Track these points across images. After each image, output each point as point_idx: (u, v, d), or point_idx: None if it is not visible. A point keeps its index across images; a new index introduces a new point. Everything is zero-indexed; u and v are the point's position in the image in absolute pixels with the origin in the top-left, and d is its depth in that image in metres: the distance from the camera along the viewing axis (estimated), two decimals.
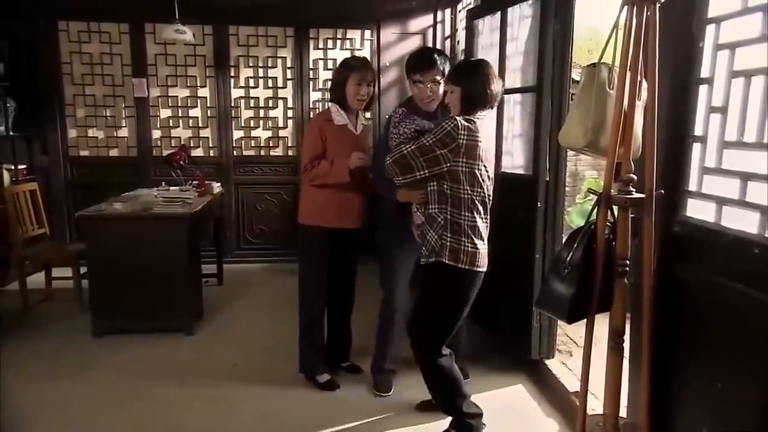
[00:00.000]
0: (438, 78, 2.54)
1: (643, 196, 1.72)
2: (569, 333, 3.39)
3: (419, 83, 2.56)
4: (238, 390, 2.87)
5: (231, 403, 2.76)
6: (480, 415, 2.42)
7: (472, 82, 2.21)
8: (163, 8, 4.24)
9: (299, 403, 2.74)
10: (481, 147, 2.18)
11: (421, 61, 2.56)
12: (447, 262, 2.19)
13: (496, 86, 2.24)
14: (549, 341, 3.00)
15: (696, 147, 1.81)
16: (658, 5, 1.62)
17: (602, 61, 1.76)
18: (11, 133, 4.59)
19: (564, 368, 2.94)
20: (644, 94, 1.73)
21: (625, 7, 1.66)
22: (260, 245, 5.29)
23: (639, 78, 1.68)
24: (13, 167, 4.57)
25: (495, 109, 2.32)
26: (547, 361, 2.99)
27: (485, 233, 2.26)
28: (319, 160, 2.72)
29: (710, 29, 1.74)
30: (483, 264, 2.25)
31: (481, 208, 2.23)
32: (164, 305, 3.47)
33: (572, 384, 2.72)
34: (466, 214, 2.19)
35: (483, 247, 2.24)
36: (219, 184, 4.50)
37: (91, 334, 3.44)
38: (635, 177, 1.75)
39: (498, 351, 3.21)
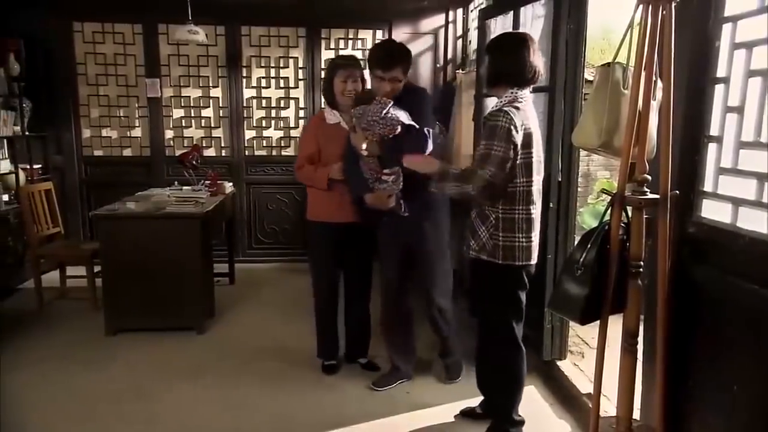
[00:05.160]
0: (399, 77, 2.56)
1: (657, 196, 1.71)
2: (581, 334, 3.37)
3: (380, 79, 2.56)
4: (251, 388, 2.89)
5: (243, 401, 2.77)
6: (523, 423, 2.42)
7: (502, 55, 2.15)
8: (176, 9, 4.26)
9: (312, 402, 2.75)
10: (532, 134, 2.11)
11: (384, 59, 2.57)
12: (501, 262, 2.16)
13: (535, 65, 2.11)
14: (561, 342, 2.99)
15: (712, 147, 1.79)
16: (674, 4, 1.61)
17: (617, 60, 1.75)
18: (27, 133, 4.64)
19: (576, 369, 2.92)
20: (659, 93, 1.71)
21: (640, 7, 1.65)
22: (271, 245, 5.31)
23: (654, 78, 1.67)
24: (28, 167, 4.63)
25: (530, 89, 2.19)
26: (559, 363, 2.97)
27: (538, 223, 2.21)
28: (311, 162, 2.86)
29: (727, 28, 1.72)
30: (536, 256, 2.22)
31: (535, 197, 2.17)
32: (176, 304, 3.50)
33: (584, 386, 2.70)
34: (521, 207, 2.13)
35: (536, 238, 2.20)
36: (231, 183, 4.52)
37: (104, 331, 3.47)
38: (650, 177, 1.74)
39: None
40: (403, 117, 2.51)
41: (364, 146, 2.52)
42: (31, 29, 4.67)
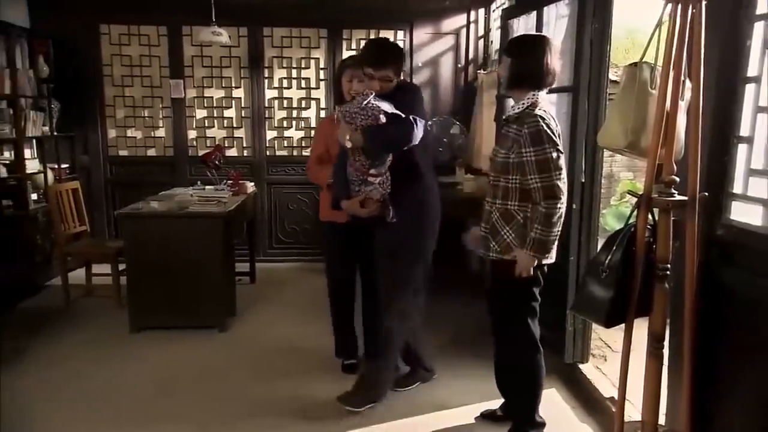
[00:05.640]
0: (390, 75, 2.52)
1: (685, 198, 1.68)
2: (603, 337, 3.33)
3: (370, 77, 2.52)
4: (272, 386, 2.91)
5: (264, 399, 2.79)
6: (544, 425, 2.41)
7: (525, 56, 2.14)
8: (200, 11, 4.32)
9: (332, 401, 2.74)
10: (560, 134, 2.14)
11: (374, 58, 2.54)
12: None
13: (554, 67, 2.13)
14: (583, 345, 2.96)
15: (742, 148, 1.76)
16: (704, 3, 1.58)
17: (644, 60, 1.73)
18: (55, 133, 4.74)
19: (598, 373, 2.89)
20: (687, 93, 1.69)
21: (669, 5, 1.63)
22: (292, 244, 5.35)
23: (682, 77, 1.64)
24: (56, 166, 4.73)
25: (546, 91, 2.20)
26: (581, 366, 2.94)
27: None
28: (320, 162, 2.91)
29: (759, 27, 1.68)
30: (554, 253, 2.21)
31: (565, 190, 2.14)
32: (199, 302, 3.54)
33: (607, 389, 2.67)
34: (560, 201, 2.10)
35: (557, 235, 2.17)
36: (252, 183, 4.56)
37: (129, 329, 3.53)
38: (677, 179, 1.71)
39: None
40: (386, 107, 2.45)
41: (347, 138, 2.44)
42: (59, 31, 4.77)
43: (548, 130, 2.06)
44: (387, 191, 2.56)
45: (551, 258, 2.19)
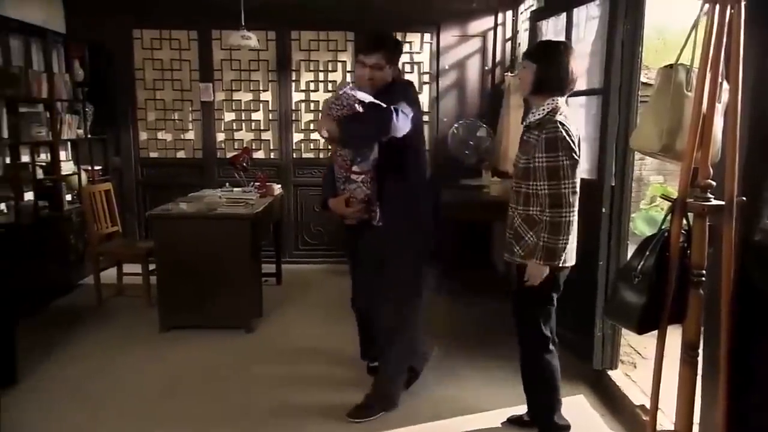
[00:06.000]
0: (381, 63, 2.45)
1: (722, 203, 1.64)
2: (632, 343, 3.27)
3: (362, 64, 2.48)
4: (297, 387, 2.94)
5: (290, 400, 2.82)
6: (569, 428, 2.40)
7: (549, 62, 2.15)
8: (230, 15, 4.39)
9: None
10: (579, 138, 2.16)
11: (365, 44, 2.52)
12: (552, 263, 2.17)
13: (575, 73, 2.16)
14: (612, 351, 2.91)
15: None
16: (743, 2, 1.54)
17: (679, 62, 1.69)
18: (89, 136, 4.86)
19: (628, 380, 2.84)
20: (725, 96, 1.65)
21: (706, 5, 1.59)
22: (317, 246, 5.38)
23: (720, 79, 1.60)
24: (90, 168, 4.85)
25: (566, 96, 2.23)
26: (610, 372, 2.89)
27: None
28: None
29: None
30: (573, 256, 2.23)
31: (574, 199, 2.15)
32: (226, 302, 3.58)
33: (637, 397, 2.62)
34: (565, 210, 2.13)
35: (574, 241, 2.20)
36: (279, 185, 4.60)
37: (158, 327, 3.59)
38: (714, 183, 1.67)
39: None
40: (362, 96, 2.38)
41: (324, 129, 2.39)
42: (94, 36, 4.90)
43: (566, 137, 2.08)
44: (372, 191, 2.49)
45: (568, 262, 2.19)
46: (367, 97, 2.38)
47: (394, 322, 2.65)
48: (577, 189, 2.14)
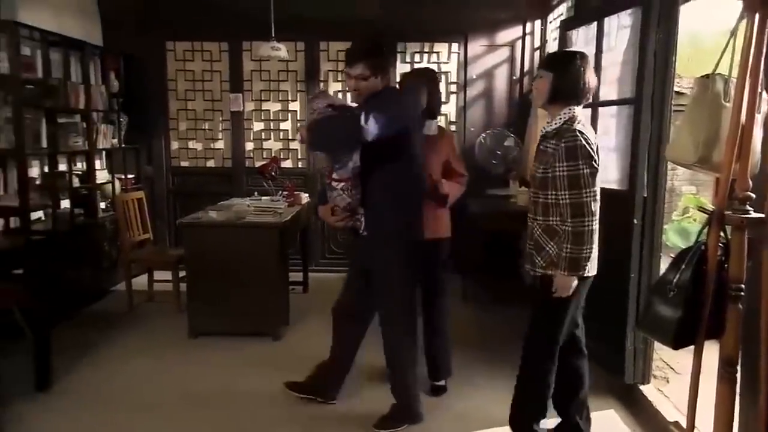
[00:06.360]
0: (365, 74, 2.40)
1: (762, 215, 1.60)
2: (665, 358, 3.19)
3: (348, 75, 2.46)
4: None
5: (316, 409, 2.82)
6: None
7: (565, 71, 2.14)
8: (260, 27, 4.46)
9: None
10: (597, 147, 2.15)
11: (348, 55, 2.47)
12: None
13: (591, 82, 2.15)
14: (644, 366, 2.85)
15: None
16: None
17: (717, 72, 1.66)
18: (123, 145, 4.99)
19: (660, 395, 2.77)
20: (764, 106, 1.61)
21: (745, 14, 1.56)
22: (344, 255, 5.39)
23: (759, 89, 1.57)
24: (123, 177, 4.97)
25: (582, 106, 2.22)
26: (642, 387, 2.83)
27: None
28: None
29: None
30: (595, 266, 2.19)
31: (595, 208, 2.13)
32: (254, 310, 3.61)
33: (670, 413, 2.56)
34: (588, 219, 2.10)
35: (596, 249, 2.16)
36: (307, 194, 4.64)
37: (187, 334, 3.65)
38: (753, 195, 1.63)
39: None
40: (333, 101, 2.39)
41: (299, 133, 2.43)
42: (129, 49, 5.05)
43: (586, 146, 2.08)
44: (351, 199, 2.46)
45: (591, 271, 2.16)
46: (339, 102, 2.41)
47: (393, 333, 2.65)
48: (598, 197, 2.12)
